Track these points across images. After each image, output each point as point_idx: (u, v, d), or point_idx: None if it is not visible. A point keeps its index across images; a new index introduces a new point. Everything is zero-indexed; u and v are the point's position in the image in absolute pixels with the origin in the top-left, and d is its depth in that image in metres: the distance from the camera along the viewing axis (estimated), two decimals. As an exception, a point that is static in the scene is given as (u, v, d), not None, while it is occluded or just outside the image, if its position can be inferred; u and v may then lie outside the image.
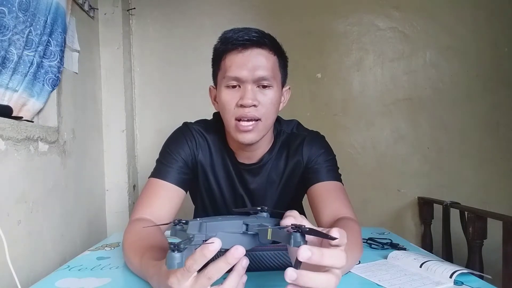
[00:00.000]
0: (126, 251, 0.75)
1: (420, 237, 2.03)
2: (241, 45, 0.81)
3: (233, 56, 0.82)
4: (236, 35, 0.82)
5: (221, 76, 0.85)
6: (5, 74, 0.99)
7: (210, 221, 0.46)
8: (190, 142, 0.93)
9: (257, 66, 0.81)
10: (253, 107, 0.82)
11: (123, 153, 1.77)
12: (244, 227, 0.48)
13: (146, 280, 0.63)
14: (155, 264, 0.59)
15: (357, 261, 0.75)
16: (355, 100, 2.02)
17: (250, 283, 0.66)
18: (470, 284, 0.64)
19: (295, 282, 0.44)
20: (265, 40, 0.83)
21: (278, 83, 0.86)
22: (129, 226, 0.80)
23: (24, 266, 0.99)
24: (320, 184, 0.90)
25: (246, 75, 0.81)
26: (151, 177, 0.90)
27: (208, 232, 0.45)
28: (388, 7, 2.01)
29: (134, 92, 1.94)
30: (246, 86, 0.82)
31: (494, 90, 2.01)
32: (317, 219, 0.88)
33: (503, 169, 2.00)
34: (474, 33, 2.01)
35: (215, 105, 0.93)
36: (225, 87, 0.84)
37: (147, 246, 0.69)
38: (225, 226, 0.46)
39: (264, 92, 0.83)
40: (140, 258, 0.66)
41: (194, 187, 1.01)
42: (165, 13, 1.95)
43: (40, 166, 1.12)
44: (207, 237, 0.45)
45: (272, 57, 0.84)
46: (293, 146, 0.96)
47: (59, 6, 1.17)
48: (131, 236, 0.76)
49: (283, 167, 0.97)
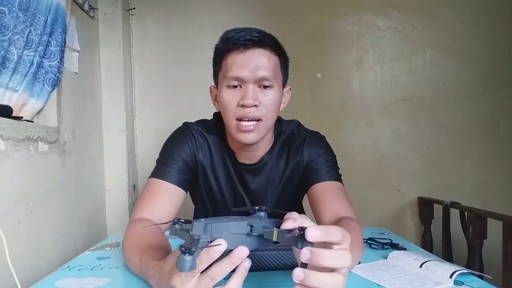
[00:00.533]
0: (126, 251, 0.74)
1: (420, 237, 2.03)
2: (242, 45, 0.81)
3: (235, 56, 0.82)
4: (237, 35, 0.82)
5: (222, 76, 0.85)
6: (5, 74, 0.99)
7: (215, 222, 0.46)
8: (190, 142, 0.93)
9: (258, 66, 0.81)
10: (254, 107, 0.81)
11: (123, 153, 1.77)
12: (249, 228, 0.48)
13: (147, 280, 0.63)
14: (156, 264, 0.59)
15: (359, 260, 0.75)
16: (355, 100, 2.02)
17: (250, 283, 0.66)
18: (470, 284, 0.64)
19: (302, 282, 0.44)
20: (266, 40, 0.83)
21: (279, 84, 0.86)
22: (129, 226, 0.80)
23: (24, 266, 0.99)
24: (321, 184, 0.90)
25: (248, 75, 0.81)
26: (151, 177, 0.90)
27: (213, 233, 0.45)
28: (388, 7, 2.01)
29: (134, 92, 1.94)
30: (248, 86, 0.82)
31: (494, 90, 2.01)
32: (317, 219, 0.88)
33: (503, 169, 2.00)
34: (474, 33, 2.01)
35: (215, 105, 0.93)
36: (226, 87, 0.84)
37: (147, 246, 0.69)
38: (230, 227, 0.46)
39: (265, 92, 0.83)
40: (140, 258, 0.66)
41: (194, 187, 1.01)
42: (165, 13, 1.95)
43: (40, 166, 1.12)
44: (212, 238, 0.45)
45: (273, 57, 0.84)
46: (293, 147, 0.96)
47: (59, 6, 1.17)
48: (131, 236, 0.76)
49: (283, 168, 0.97)
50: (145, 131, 1.95)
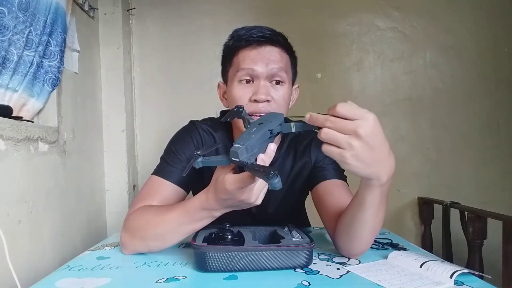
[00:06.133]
0: (144, 223, 0.77)
1: (420, 237, 2.03)
2: (255, 41, 0.83)
3: (247, 52, 0.83)
4: (249, 32, 0.84)
5: (233, 72, 0.86)
6: (5, 74, 0.99)
7: (248, 142, 0.55)
8: (196, 141, 0.94)
9: (271, 60, 0.82)
10: (266, 103, 0.82)
11: (123, 153, 1.76)
12: (269, 132, 0.60)
13: (196, 214, 0.71)
14: (203, 193, 0.69)
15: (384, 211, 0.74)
16: (355, 100, 1.96)
17: (250, 283, 0.66)
18: (470, 284, 0.64)
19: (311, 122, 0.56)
20: (278, 38, 0.85)
21: (289, 81, 0.88)
22: (128, 216, 0.82)
23: (24, 266, 0.99)
24: (327, 181, 0.91)
25: (261, 69, 0.82)
26: (154, 175, 0.90)
27: (253, 150, 0.56)
28: (388, 7, 2.01)
29: (134, 92, 1.93)
30: (260, 82, 0.83)
31: (495, 90, 2.01)
32: (322, 213, 0.88)
33: (503, 169, 2.00)
34: (474, 33, 2.01)
35: (223, 102, 0.94)
36: (237, 82, 0.85)
37: (168, 206, 0.78)
38: (258, 139, 0.57)
39: (276, 88, 0.84)
40: (173, 209, 0.74)
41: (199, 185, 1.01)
42: (165, 13, 1.94)
43: (40, 166, 1.11)
44: (255, 154, 0.57)
45: (284, 55, 0.86)
46: (300, 147, 0.96)
47: (59, 6, 1.17)
48: (143, 213, 0.79)
49: (290, 167, 0.97)
50: (145, 131, 1.95)
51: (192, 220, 0.72)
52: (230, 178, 0.61)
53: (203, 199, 0.69)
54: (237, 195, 0.61)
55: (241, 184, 0.60)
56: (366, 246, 0.77)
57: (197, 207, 0.70)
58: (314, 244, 0.73)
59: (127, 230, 0.81)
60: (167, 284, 0.66)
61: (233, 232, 0.77)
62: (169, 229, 0.74)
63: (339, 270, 0.72)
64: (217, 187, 0.64)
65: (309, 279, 0.67)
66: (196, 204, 0.70)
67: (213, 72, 1.08)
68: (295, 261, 0.72)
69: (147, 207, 0.82)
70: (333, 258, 0.80)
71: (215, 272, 0.70)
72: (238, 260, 0.69)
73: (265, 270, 0.71)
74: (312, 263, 0.75)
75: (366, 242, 0.75)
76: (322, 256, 0.82)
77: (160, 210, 0.77)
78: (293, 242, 0.75)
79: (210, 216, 0.70)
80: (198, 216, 0.71)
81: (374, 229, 0.74)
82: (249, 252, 0.70)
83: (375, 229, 0.74)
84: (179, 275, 0.70)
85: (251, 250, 0.70)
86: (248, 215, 0.93)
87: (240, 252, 0.70)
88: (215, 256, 0.69)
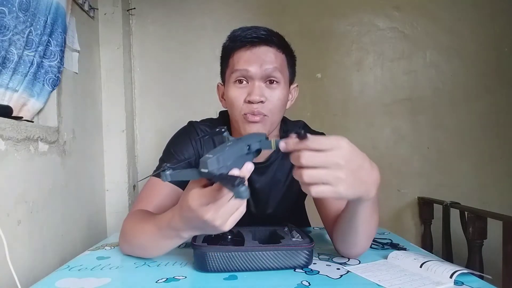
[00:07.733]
0: (130, 229, 0.78)
1: (420, 237, 2.03)
2: (249, 42, 0.83)
3: (242, 53, 0.84)
4: (244, 33, 0.84)
5: (229, 73, 0.86)
6: (5, 74, 0.99)
7: (221, 153, 0.51)
8: (194, 141, 0.94)
9: (265, 61, 0.82)
10: (260, 104, 0.83)
11: (123, 153, 1.76)
12: (247, 147, 0.56)
13: (165, 232, 0.67)
14: (171, 210, 0.64)
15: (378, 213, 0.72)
16: (355, 100, 2.02)
17: (250, 283, 0.66)
18: (470, 284, 0.64)
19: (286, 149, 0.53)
20: (273, 38, 0.85)
21: (285, 81, 0.87)
22: (127, 216, 0.84)
23: (24, 266, 0.99)
24: None
25: (254, 70, 0.82)
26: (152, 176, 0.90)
27: (225, 163, 0.51)
28: (388, 7, 2.01)
29: (134, 92, 1.93)
30: (254, 83, 0.83)
31: (494, 90, 2.01)
32: (322, 215, 0.89)
33: (503, 169, 2.00)
34: (475, 33, 2.01)
35: (222, 102, 0.94)
36: (233, 83, 0.85)
37: (151, 215, 0.75)
38: (233, 152, 0.53)
39: (271, 88, 0.84)
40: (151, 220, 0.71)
41: None
42: (165, 13, 1.94)
43: (40, 166, 1.11)
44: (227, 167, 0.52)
45: (280, 55, 0.86)
46: None
47: (59, 6, 1.17)
48: (132, 218, 0.80)
49: (289, 167, 0.97)
50: (145, 131, 1.95)
51: (162, 236, 0.68)
52: (194, 193, 0.56)
53: (170, 216, 0.65)
54: (200, 213, 0.55)
55: (205, 199, 0.54)
56: (364, 249, 0.78)
57: (165, 225, 0.66)
58: (314, 244, 0.73)
59: (120, 233, 0.83)
60: (167, 284, 0.66)
61: (233, 232, 0.77)
62: (148, 241, 0.73)
63: (339, 270, 0.72)
64: (182, 203, 0.59)
65: (309, 279, 0.67)
66: (165, 221, 0.66)
67: (213, 72, 1.08)
68: (295, 261, 0.72)
69: (139, 212, 0.82)
70: (333, 258, 0.80)
71: (215, 272, 0.70)
72: (238, 260, 0.69)
73: (265, 270, 0.71)
74: (312, 263, 0.75)
75: (363, 246, 0.77)
76: (322, 256, 0.82)
77: (145, 218, 0.75)
78: (293, 242, 0.75)
79: (178, 236, 0.65)
80: (166, 233, 0.67)
81: (370, 234, 0.75)
82: (249, 252, 0.70)
83: (370, 233, 0.75)
84: (179, 275, 0.70)
85: (251, 250, 0.70)
86: (248, 215, 0.93)
87: (240, 252, 0.70)
88: (215, 256, 0.69)
